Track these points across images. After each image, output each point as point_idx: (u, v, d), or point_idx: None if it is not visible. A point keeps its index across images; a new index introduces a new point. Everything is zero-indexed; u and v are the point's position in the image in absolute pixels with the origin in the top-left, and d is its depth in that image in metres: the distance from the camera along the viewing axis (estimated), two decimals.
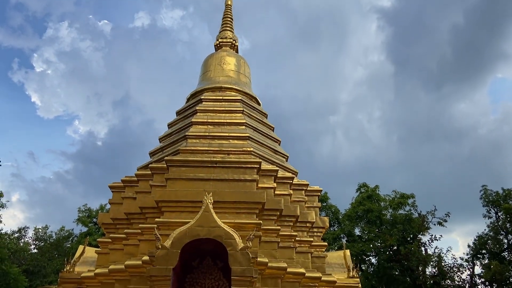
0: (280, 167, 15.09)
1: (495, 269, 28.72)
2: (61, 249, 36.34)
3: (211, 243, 11.03)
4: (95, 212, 37.75)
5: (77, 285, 13.17)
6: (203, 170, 13.00)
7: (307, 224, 13.96)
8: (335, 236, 32.74)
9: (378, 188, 33.21)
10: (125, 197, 14.08)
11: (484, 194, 32.73)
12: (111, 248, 13.07)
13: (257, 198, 12.39)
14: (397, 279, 28.47)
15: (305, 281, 12.23)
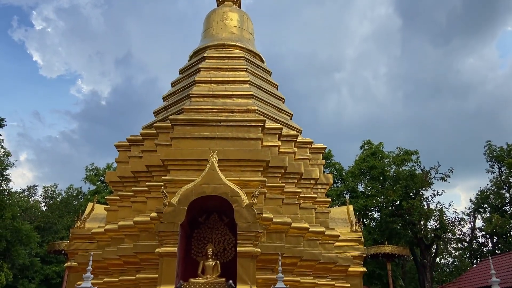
0: (284, 125, 15.10)
1: (496, 223, 29.27)
2: (71, 207, 37.24)
3: (217, 200, 11.27)
4: (102, 171, 38.34)
5: (88, 240, 13.64)
6: (207, 129, 13.06)
7: (311, 181, 14.15)
8: (339, 192, 33.23)
9: (382, 145, 33.29)
10: (131, 156, 14.26)
11: (488, 150, 32.80)
12: (120, 205, 13.39)
13: (261, 156, 12.50)
14: (398, 232, 29.11)
15: (309, 236, 12.57)
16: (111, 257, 11.88)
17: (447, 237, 31.20)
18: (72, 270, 13.45)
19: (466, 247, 35.96)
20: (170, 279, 10.26)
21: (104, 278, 11.93)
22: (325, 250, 12.85)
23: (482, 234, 35.02)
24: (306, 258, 11.87)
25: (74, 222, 15.02)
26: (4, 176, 24.10)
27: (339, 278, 12.73)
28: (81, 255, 12.81)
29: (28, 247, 25.83)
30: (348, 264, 12.86)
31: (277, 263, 8.82)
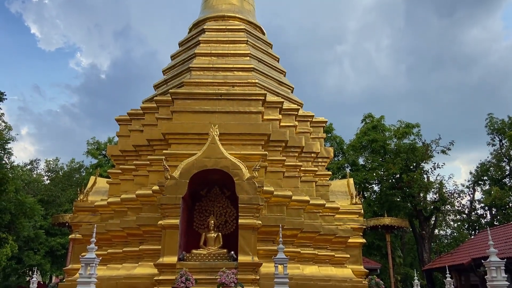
0: (285, 99, 15.03)
1: (495, 195, 29.55)
2: (73, 180, 37.56)
3: (218, 173, 11.35)
4: (104, 144, 38.48)
5: (91, 213, 13.82)
6: (208, 103, 13.02)
7: (311, 154, 14.20)
8: (339, 165, 33.41)
9: (384, 118, 33.23)
10: (132, 130, 14.28)
11: (490, 122, 32.77)
12: (122, 179, 13.50)
13: (262, 129, 12.50)
14: (398, 205, 29.46)
15: (309, 208, 12.72)
16: (115, 229, 12.07)
17: (446, 209, 31.57)
18: (77, 242, 13.68)
19: (465, 219, 36.45)
20: (173, 250, 10.46)
21: (108, 249, 12.16)
22: (325, 222, 13.03)
23: (481, 206, 35.43)
24: (307, 230, 12.05)
25: (77, 196, 15.17)
26: (6, 150, 24.22)
27: (339, 249, 12.96)
28: (84, 227, 13.01)
29: (32, 219, 26.20)
30: (348, 235, 13.06)
31: (277, 235, 8.97)
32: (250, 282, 10.18)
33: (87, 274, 6.93)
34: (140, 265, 11.23)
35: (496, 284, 6.96)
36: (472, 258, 20.03)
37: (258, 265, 10.48)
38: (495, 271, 7.07)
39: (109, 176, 14.64)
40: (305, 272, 11.53)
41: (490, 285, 7.08)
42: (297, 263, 11.65)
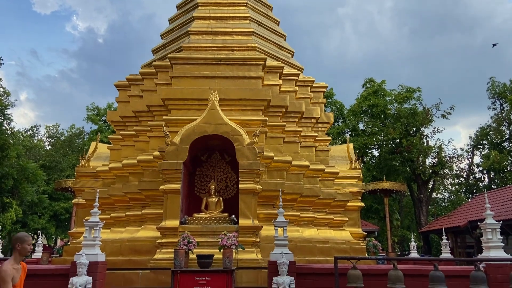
0: (286, 64, 14.86)
1: (494, 159, 29.78)
2: (74, 146, 37.72)
3: (218, 139, 11.39)
4: (103, 110, 38.39)
5: (93, 178, 13.99)
6: (207, 68, 12.88)
7: (312, 119, 14.20)
8: (339, 131, 33.46)
9: (385, 82, 32.98)
10: (131, 96, 14.22)
11: (491, 86, 32.55)
12: (122, 145, 13.57)
13: (262, 95, 12.44)
14: (397, 169, 29.73)
15: (309, 173, 12.86)
16: (117, 194, 12.25)
17: (444, 173, 31.88)
18: (80, 206, 13.92)
19: (463, 183, 36.88)
20: (175, 214, 10.65)
21: (111, 213, 12.39)
22: (325, 186, 13.21)
23: (479, 170, 35.77)
24: (306, 194, 12.23)
25: (78, 161, 15.29)
26: (6, 115, 24.17)
27: (338, 213, 13.20)
28: (87, 192, 13.19)
29: (35, 185, 26.50)
30: (347, 199, 13.27)
31: (277, 199, 9.12)
32: (251, 244, 10.44)
33: (91, 237, 7.10)
34: (143, 229, 11.47)
35: (491, 245, 7.13)
36: (468, 220, 20.41)
37: (258, 228, 10.70)
38: (490, 233, 7.22)
39: (110, 142, 14.70)
40: (304, 235, 11.80)
41: (485, 246, 7.25)
42: (296, 226, 11.90)
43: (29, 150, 33.80)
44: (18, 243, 4.27)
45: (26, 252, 4.30)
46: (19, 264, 4.27)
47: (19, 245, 4.27)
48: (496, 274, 6.73)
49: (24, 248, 4.27)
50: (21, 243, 4.27)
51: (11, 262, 4.20)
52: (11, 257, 4.28)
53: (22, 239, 4.29)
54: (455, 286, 6.80)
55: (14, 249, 4.26)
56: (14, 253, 4.26)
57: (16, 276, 4.15)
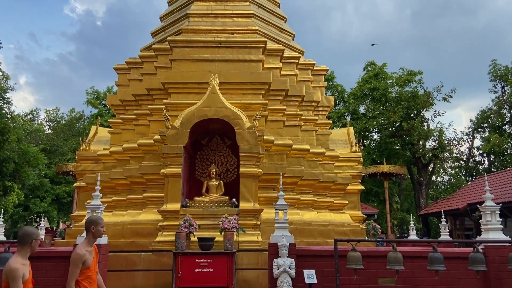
0: (286, 46, 14.75)
1: (494, 142, 29.79)
2: (74, 130, 37.72)
3: (218, 122, 11.38)
4: (103, 94, 38.26)
5: (94, 162, 14.04)
6: (207, 51, 12.79)
7: (312, 103, 14.16)
8: (340, 114, 33.41)
9: (386, 66, 32.76)
10: (131, 79, 14.15)
11: (493, 69, 32.35)
12: (123, 128, 13.57)
13: (263, 78, 12.38)
14: (397, 153, 29.77)
15: (309, 156, 12.88)
16: (118, 178, 12.30)
17: (444, 157, 31.94)
18: (81, 190, 14.00)
19: (463, 166, 36.97)
20: (176, 197, 10.72)
21: (112, 197, 12.46)
22: (325, 170, 13.25)
23: (479, 153, 35.82)
24: (306, 177, 12.28)
25: (79, 145, 15.30)
26: (5, 99, 24.10)
27: (338, 196, 13.28)
28: (88, 176, 13.25)
29: (36, 168, 26.58)
30: (347, 183, 13.33)
31: (278, 183, 9.16)
32: (251, 227, 10.54)
33: None
34: (145, 212, 11.56)
35: (490, 227, 7.19)
36: (467, 203, 20.53)
37: (259, 211, 10.79)
38: (490, 215, 7.27)
39: (110, 126, 14.70)
40: (304, 218, 11.89)
41: (484, 229, 7.32)
42: (296, 209, 11.99)
43: (30, 134, 33.81)
44: (92, 226, 4.26)
45: (100, 234, 4.30)
46: (92, 247, 4.28)
47: (94, 228, 4.26)
48: (495, 256, 6.81)
49: (98, 231, 4.27)
50: (96, 226, 4.27)
51: (84, 245, 4.18)
52: (84, 240, 4.24)
53: (96, 221, 4.28)
54: (453, 267, 6.89)
55: (88, 231, 4.24)
56: (88, 235, 4.24)
57: (89, 258, 4.15)
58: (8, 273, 3.59)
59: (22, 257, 3.78)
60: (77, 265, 4.02)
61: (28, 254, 3.86)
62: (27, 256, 3.84)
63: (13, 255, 3.77)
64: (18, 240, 3.81)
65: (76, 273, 4.00)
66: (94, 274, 4.21)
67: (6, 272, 3.60)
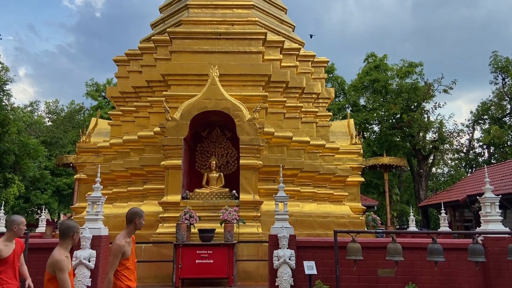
0: (286, 38, 14.68)
1: (494, 134, 29.76)
2: (74, 122, 37.66)
3: (219, 115, 11.37)
4: (103, 86, 38.17)
5: (95, 154, 14.04)
6: (207, 42, 12.74)
7: (312, 95, 14.14)
8: (340, 106, 33.33)
9: (386, 57, 32.62)
10: (131, 71, 14.11)
11: (494, 60, 32.21)
12: (123, 120, 13.55)
13: (263, 70, 12.34)
14: (397, 145, 29.77)
15: (309, 148, 12.89)
16: (118, 170, 12.32)
17: (444, 148, 31.91)
18: (82, 182, 14.02)
19: (463, 158, 36.98)
20: (176, 189, 10.75)
21: (113, 189, 12.49)
22: (325, 162, 13.26)
23: (479, 145, 35.81)
24: (306, 169, 12.29)
25: (79, 137, 15.28)
26: (5, 91, 24.05)
27: (338, 188, 13.31)
28: (89, 168, 13.27)
29: (36, 160, 26.58)
30: (347, 174, 13.35)
31: (278, 175, 9.17)
32: (252, 218, 10.58)
33: (94, 212, 7.17)
34: (145, 203, 11.59)
35: (490, 219, 7.21)
36: (467, 195, 20.57)
37: (259, 203, 10.81)
38: (489, 207, 7.29)
39: (110, 118, 14.68)
40: (304, 209, 11.93)
41: (484, 220, 7.34)
42: (297, 201, 12.02)
43: (30, 126, 33.76)
44: (137, 218, 4.31)
45: (141, 226, 4.38)
46: (131, 238, 4.34)
47: (137, 220, 4.32)
48: (494, 247, 6.84)
49: (141, 223, 4.34)
50: (139, 218, 4.33)
51: (124, 236, 4.22)
52: (124, 231, 4.29)
53: (139, 214, 4.35)
54: (453, 258, 6.92)
55: (131, 223, 4.29)
56: (129, 226, 4.29)
57: (128, 249, 4.19)
58: (55, 264, 3.66)
59: (65, 249, 3.87)
60: (117, 255, 4.08)
61: (70, 247, 3.96)
62: (69, 249, 3.94)
63: (56, 247, 3.85)
64: (60, 234, 3.90)
65: (115, 264, 4.06)
66: (133, 265, 4.30)
67: (52, 264, 3.68)
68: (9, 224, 4.80)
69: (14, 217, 4.83)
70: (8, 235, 4.80)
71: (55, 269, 3.64)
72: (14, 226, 4.77)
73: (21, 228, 4.81)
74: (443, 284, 6.83)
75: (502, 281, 6.73)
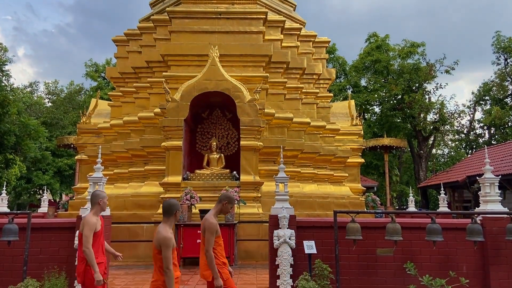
0: (287, 17, 14.50)
1: (495, 114, 29.66)
2: (74, 103, 37.50)
3: (219, 95, 11.32)
4: (102, 66, 37.88)
5: (95, 135, 14.05)
6: (207, 22, 12.59)
7: (313, 76, 14.05)
8: (341, 87, 33.12)
9: (388, 37, 32.24)
10: (130, 51, 13.99)
11: (497, 40, 31.85)
12: (123, 101, 13.51)
13: (263, 50, 12.23)
14: (398, 126, 29.70)
15: (310, 130, 12.88)
16: (119, 151, 12.34)
17: (445, 129, 31.85)
18: (83, 162, 14.07)
19: (463, 139, 36.97)
20: (177, 170, 10.79)
21: (114, 169, 12.54)
22: (326, 143, 13.27)
23: (480, 125, 35.74)
24: (307, 150, 12.31)
25: (79, 118, 15.26)
26: (4, 71, 23.87)
27: (338, 169, 13.35)
28: (89, 149, 13.29)
29: (37, 141, 26.61)
30: (347, 156, 13.38)
31: (278, 156, 9.19)
32: (252, 199, 10.65)
33: None
34: (146, 184, 11.65)
35: (489, 199, 7.24)
36: (467, 175, 20.63)
37: (259, 184, 10.87)
38: (489, 187, 7.31)
39: (110, 99, 14.63)
40: (304, 190, 12.00)
41: (483, 200, 7.37)
42: (297, 182, 12.07)
43: (30, 107, 33.64)
44: (226, 201, 4.51)
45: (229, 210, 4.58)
46: None
47: (226, 203, 4.52)
48: (492, 227, 6.89)
49: (226, 207, 4.53)
50: (230, 202, 4.54)
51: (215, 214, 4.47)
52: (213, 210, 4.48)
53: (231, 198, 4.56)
54: (451, 238, 6.99)
55: (220, 203, 4.50)
56: (218, 206, 4.50)
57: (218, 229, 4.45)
58: (162, 241, 3.83)
59: (169, 226, 4.07)
60: (213, 233, 4.32)
61: (173, 224, 4.19)
62: (172, 226, 4.16)
63: (161, 225, 4.02)
64: (164, 212, 4.08)
65: (213, 241, 4.31)
66: (221, 240, 4.55)
67: (159, 240, 3.86)
68: (94, 198, 4.83)
69: (97, 192, 4.90)
70: (95, 209, 4.79)
71: (161, 245, 3.83)
72: (99, 200, 4.81)
73: (105, 202, 4.86)
74: (441, 263, 6.92)
75: (499, 260, 6.82)
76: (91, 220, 4.61)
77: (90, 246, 4.50)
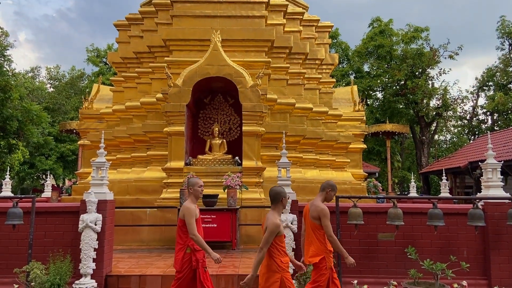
0: (290, 1, 14.35)
1: (498, 100, 29.51)
2: (76, 88, 37.44)
3: (221, 81, 11.29)
4: (104, 51, 37.69)
5: (98, 120, 14.07)
6: (209, 6, 12.47)
7: (316, 61, 13.96)
8: (344, 72, 32.92)
9: (392, 22, 31.89)
10: (132, 36, 13.91)
11: (501, 25, 31.49)
12: (125, 87, 13.49)
13: (266, 35, 12.14)
14: (400, 111, 29.60)
15: (312, 115, 12.86)
16: (122, 136, 12.37)
17: (447, 115, 31.73)
18: (86, 148, 14.12)
19: (466, 125, 36.85)
20: (180, 155, 10.83)
21: (117, 155, 12.59)
22: (328, 129, 13.26)
23: (483, 111, 35.59)
24: (309, 136, 12.32)
25: (81, 103, 15.24)
26: (6, 56, 23.78)
27: (340, 154, 13.37)
28: (92, 134, 13.33)
29: (40, 126, 26.67)
30: (349, 141, 13.38)
31: (281, 141, 9.21)
32: (254, 184, 10.70)
33: (99, 177, 7.26)
34: (149, 169, 11.71)
35: (491, 184, 7.26)
36: (469, 161, 20.64)
37: (261, 169, 10.91)
38: (491, 173, 7.32)
39: (112, 84, 14.60)
40: (306, 176, 12.04)
41: (485, 186, 7.39)
42: (299, 167, 12.11)
43: (32, 92, 33.60)
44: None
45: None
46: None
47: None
48: (494, 212, 6.93)
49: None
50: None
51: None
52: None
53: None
54: (452, 223, 7.03)
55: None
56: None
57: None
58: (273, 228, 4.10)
59: (278, 213, 4.31)
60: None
61: (281, 210, 4.41)
62: (280, 212, 4.39)
63: (270, 212, 4.30)
64: (272, 199, 4.33)
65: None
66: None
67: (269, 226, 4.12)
68: (189, 185, 4.97)
69: (190, 179, 5.04)
70: (191, 197, 4.93)
71: (270, 232, 4.11)
72: (189, 187, 4.94)
73: (196, 189, 4.92)
74: (442, 247, 6.98)
75: (500, 245, 6.87)
76: (190, 207, 4.76)
77: (196, 232, 4.66)
